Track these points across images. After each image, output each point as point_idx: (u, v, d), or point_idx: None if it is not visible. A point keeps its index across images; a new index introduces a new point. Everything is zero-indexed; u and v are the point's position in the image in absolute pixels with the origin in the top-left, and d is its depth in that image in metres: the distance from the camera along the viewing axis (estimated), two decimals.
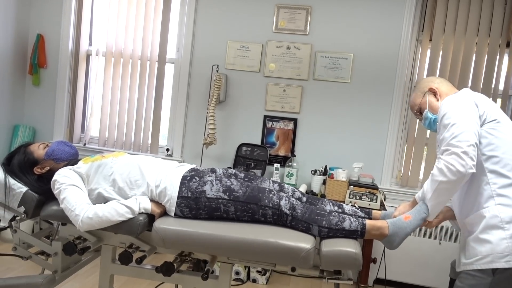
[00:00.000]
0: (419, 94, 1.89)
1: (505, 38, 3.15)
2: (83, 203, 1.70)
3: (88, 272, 3.09)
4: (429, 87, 1.85)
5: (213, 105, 3.27)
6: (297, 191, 2.00)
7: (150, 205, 1.76)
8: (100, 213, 1.66)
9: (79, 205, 1.68)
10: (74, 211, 1.67)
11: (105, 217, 1.66)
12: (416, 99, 1.91)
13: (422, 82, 1.90)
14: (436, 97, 1.83)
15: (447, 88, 1.85)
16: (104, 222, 1.67)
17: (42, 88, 3.84)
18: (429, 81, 1.88)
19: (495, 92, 3.21)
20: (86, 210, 1.67)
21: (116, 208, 1.68)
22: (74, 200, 1.70)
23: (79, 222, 1.65)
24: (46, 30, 3.77)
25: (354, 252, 1.58)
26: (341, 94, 3.40)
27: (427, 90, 1.86)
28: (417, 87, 1.92)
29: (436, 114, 1.79)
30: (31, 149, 1.95)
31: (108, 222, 1.67)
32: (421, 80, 1.94)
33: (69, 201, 1.70)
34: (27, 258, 1.86)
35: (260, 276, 3.21)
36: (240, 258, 1.69)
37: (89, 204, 1.71)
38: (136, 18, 3.60)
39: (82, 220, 1.65)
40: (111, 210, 1.68)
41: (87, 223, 1.65)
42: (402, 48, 3.27)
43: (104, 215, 1.66)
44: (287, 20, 3.42)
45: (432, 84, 1.86)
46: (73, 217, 1.67)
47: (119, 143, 3.71)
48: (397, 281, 3.35)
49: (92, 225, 1.66)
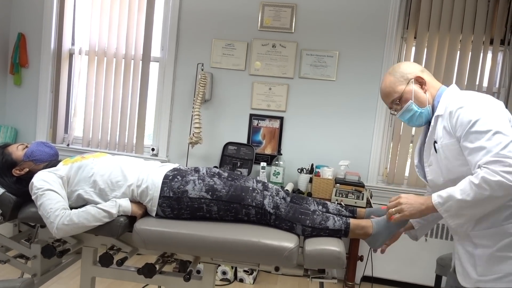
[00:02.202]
0: (401, 80, 1.59)
1: (488, 35, 3.17)
2: (58, 209, 1.64)
3: (73, 274, 3.04)
4: (415, 75, 1.58)
5: (198, 104, 3.24)
6: (281, 191, 1.98)
7: (130, 207, 1.72)
8: (76, 219, 1.62)
9: (54, 211, 1.63)
10: (49, 218, 1.62)
11: (81, 223, 1.62)
12: (396, 85, 1.59)
13: (404, 67, 1.61)
14: (423, 88, 1.57)
15: (433, 80, 1.62)
16: (80, 228, 1.63)
17: (24, 87, 3.76)
18: (413, 68, 1.60)
19: (479, 89, 3.23)
20: (61, 216, 1.62)
21: (92, 213, 1.64)
22: (49, 206, 1.64)
23: (54, 230, 1.61)
24: (27, 28, 3.70)
25: (337, 251, 1.56)
26: (327, 92, 3.39)
27: (413, 78, 1.57)
28: (397, 71, 1.61)
29: (423, 107, 1.56)
30: (10, 150, 1.90)
31: (84, 227, 1.63)
32: (401, 64, 1.63)
33: (45, 208, 1.64)
34: (5, 262, 1.82)
35: (247, 276, 3.19)
36: (223, 258, 1.67)
37: (64, 210, 1.65)
38: (119, 16, 3.55)
39: (57, 227, 1.60)
40: (87, 215, 1.63)
41: (63, 230, 1.61)
42: (387, 46, 3.27)
43: (80, 221, 1.62)
44: (272, 18, 3.40)
45: (418, 72, 1.59)
46: (49, 225, 1.63)
47: (103, 143, 3.66)
48: (384, 279, 3.36)
49: (68, 232, 1.62)
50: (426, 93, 1.57)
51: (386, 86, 1.62)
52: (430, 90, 1.58)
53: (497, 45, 3.17)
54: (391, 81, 1.60)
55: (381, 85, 1.65)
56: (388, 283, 3.39)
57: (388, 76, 1.62)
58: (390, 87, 1.60)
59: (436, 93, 1.58)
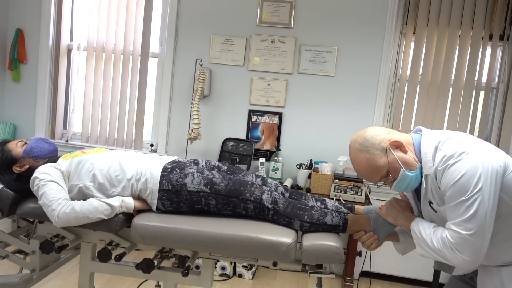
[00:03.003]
0: (377, 153, 1.39)
1: (488, 31, 3.16)
2: (60, 199, 1.65)
3: (72, 269, 3.05)
4: (389, 141, 1.39)
5: (197, 100, 3.23)
6: (280, 186, 1.98)
7: (133, 204, 1.72)
8: (78, 208, 1.62)
9: (56, 200, 1.64)
10: (50, 206, 1.63)
11: (82, 213, 1.62)
12: (376, 160, 1.39)
13: (371, 138, 1.40)
14: (403, 150, 1.39)
15: (402, 136, 1.44)
16: (81, 219, 1.63)
17: (22, 83, 3.76)
18: (379, 133, 1.42)
19: (478, 85, 3.23)
20: (64, 205, 1.63)
21: (95, 205, 1.64)
22: (52, 195, 1.66)
23: (55, 217, 1.61)
24: (25, 24, 3.69)
25: (335, 246, 1.57)
26: (326, 88, 3.39)
27: (388, 145, 1.39)
28: (366, 146, 1.40)
29: (415, 169, 1.38)
30: (9, 147, 1.90)
31: (85, 219, 1.63)
32: (363, 136, 1.42)
33: (47, 197, 1.65)
34: (4, 257, 1.82)
35: (246, 271, 3.20)
36: (222, 253, 1.67)
37: (67, 200, 1.67)
38: (118, 11, 3.54)
39: (58, 215, 1.61)
40: (90, 206, 1.64)
41: (64, 219, 1.61)
42: (386, 41, 3.27)
43: (82, 211, 1.62)
44: (271, 14, 3.39)
45: (387, 136, 1.41)
46: (50, 213, 1.63)
47: (102, 139, 3.66)
48: (382, 274, 3.37)
49: (69, 221, 1.62)
50: (408, 153, 1.39)
51: (364, 166, 1.41)
52: (409, 148, 1.41)
53: (496, 40, 3.17)
54: (367, 159, 1.40)
55: (356, 167, 1.44)
56: (387, 278, 3.40)
57: (359, 154, 1.41)
58: (370, 166, 1.40)
59: (414, 148, 1.42)
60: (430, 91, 3.26)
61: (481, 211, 1.23)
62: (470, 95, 3.23)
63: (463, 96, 3.24)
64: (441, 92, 3.25)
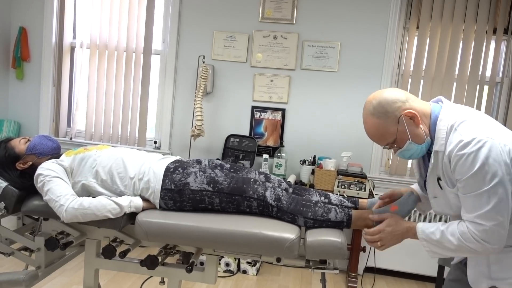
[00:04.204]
0: (389, 121, 1.36)
1: (492, 25, 3.14)
2: (68, 194, 1.67)
3: (77, 266, 3.06)
4: (404, 111, 1.35)
5: (200, 97, 3.23)
6: (283, 182, 1.98)
7: (142, 204, 1.73)
8: (87, 205, 1.64)
9: (64, 195, 1.65)
10: (58, 201, 1.64)
11: (89, 210, 1.63)
12: (386, 128, 1.37)
13: (386, 103, 1.36)
14: (416, 122, 1.36)
15: (420, 104, 1.40)
16: (89, 215, 1.64)
17: (26, 82, 3.77)
18: (396, 99, 1.37)
19: (482, 79, 3.21)
20: (72, 200, 1.64)
21: (103, 203, 1.65)
22: (59, 191, 1.67)
23: (63, 212, 1.62)
24: (28, 22, 3.70)
25: (338, 242, 1.57)
26: (329, 84, 3.38)
27: (402, 115, 1.35)
28: (380, 112, 1.37)
29: (422, 142, 1.38)
30: (12, 144, 1.91)
31: (92, 215, 1.64)
32: (380, 99, 1.38)
33: (54, 192, 1.66)
34: (9, 255, 1.83)
35: (250, 267, 3.21)
36: (225, 249, 1.68)
37: (74, 195, 1.68)
38: (120, 9, 3.54)
39: (66, 210, 1.62)
40: (98, 203, 1.65)
41: (72, 214, 1.62)
42: (389, 36, 3.25)
43: (90, 207, 1.63)
44: (274, 9, 3.38)
45: (403, 105, 1.36)
46: (57, 208, 1.64)
47: (106, 136, 3.67)
48: (386, 269, 3.36)
49: (76, 216, 1.63)
50: (421, 126, 1.36)
51: (373, 131, 1.40)
52: (423, 120, 1.38)
53: (500, 34, 3.15)
54: (378, 124, 1.37)
55: (366, 129, 1.42)
56: (391, 274, 3.40)
57: (370, 117, 1.39)
58: (379, 131, 1.38)
59: (430, 121, 1.39)
60: (434, 85, 3.25)
61: (503, 201, 1.23)
62: (474, 90, 3.22)
63: (467, 91, 3.22)
64: (444, 87, 3.23)
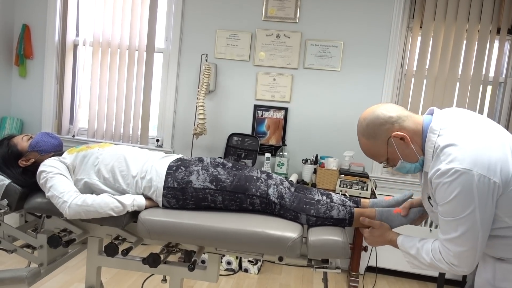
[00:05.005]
0: (379, 142, 1.37)
1: (495, 24, 3.13)
2: (71, 191, 1.67)
3: (79, 263, 3.07)
4: (392, 133, 1.34)
5: (202, 95, 3.23)
6: (285, 181, 1.98)
7: (145, 203, 1.73)
8: (90, 202, 1.64)
9: (68, 192, 1.66)
10: (62, 198, 1.64)
11: (93, 207, 1.63)
12: (376, 149, 1.39)
13: (374, 127, 1.36)
14: (406, 142, 1.33)
15: (411, 124, 1.35)
16: (91, 213, 1.64)
17: (29, 79, 3.78)
18: (384, 121, 1.34)
19: (485, 79, 3.20)
20: (75, 197, 1.64)
21: (106, 201, 1.65)
22: (62, 187, 1.67)
23: (66, 209, 1.62)
24: (31, 20, 3.70)
25: (341, 241, 1.56)
26: (331, 83, 3.37)
27: (391, 136, 1.34)
28: (369, 133, 1.37)
29: (415, 161, 1.37)
30: (15, 142, 1.91)
31: (95, 213, 1.64)
32: (368, 117, 1.38)
33: (57, 189, 1.67)
34: (12, 252, 1.84)
35: (251, 266, 3.21)
36: (227, 248, 1.68)
37: (77, 192, 1.69)
38: (123, 6, 3.54)
39: (69, 206, 1.62)
40: (101, 201, 1.65)
41: (75, 210, 1.62)
42: (393, 36, 3.24)
43: (93, 204, 1.63)
44: (277, 8, 3.38)
45: (391, 126, 1.34)
46: (60, 204, 1.64)
47: (108, 134, 3.67)
48: (388, 269, 3.37)
49: (79, 213, 1.63)
50: (413, 144, 1.34)
51: (365, 150, 1.43)
52: (415, 139, 1.34)
53: (504, 34, 3.14)
54: (369, 145, 1.39)
55: (360, 146, 1.45)
56: (392, 274, 3.40)
57: (361, 138, 1.41)
58: (370, 151, 1.41)
59: (421, 140, 1.35)
60: (437, 85, 3.24)
61: (471, 230, 1.23)
62: (477, 90, 3.21)
63: (470, 91, 3.22)
64: (448, 86, 3.23)
